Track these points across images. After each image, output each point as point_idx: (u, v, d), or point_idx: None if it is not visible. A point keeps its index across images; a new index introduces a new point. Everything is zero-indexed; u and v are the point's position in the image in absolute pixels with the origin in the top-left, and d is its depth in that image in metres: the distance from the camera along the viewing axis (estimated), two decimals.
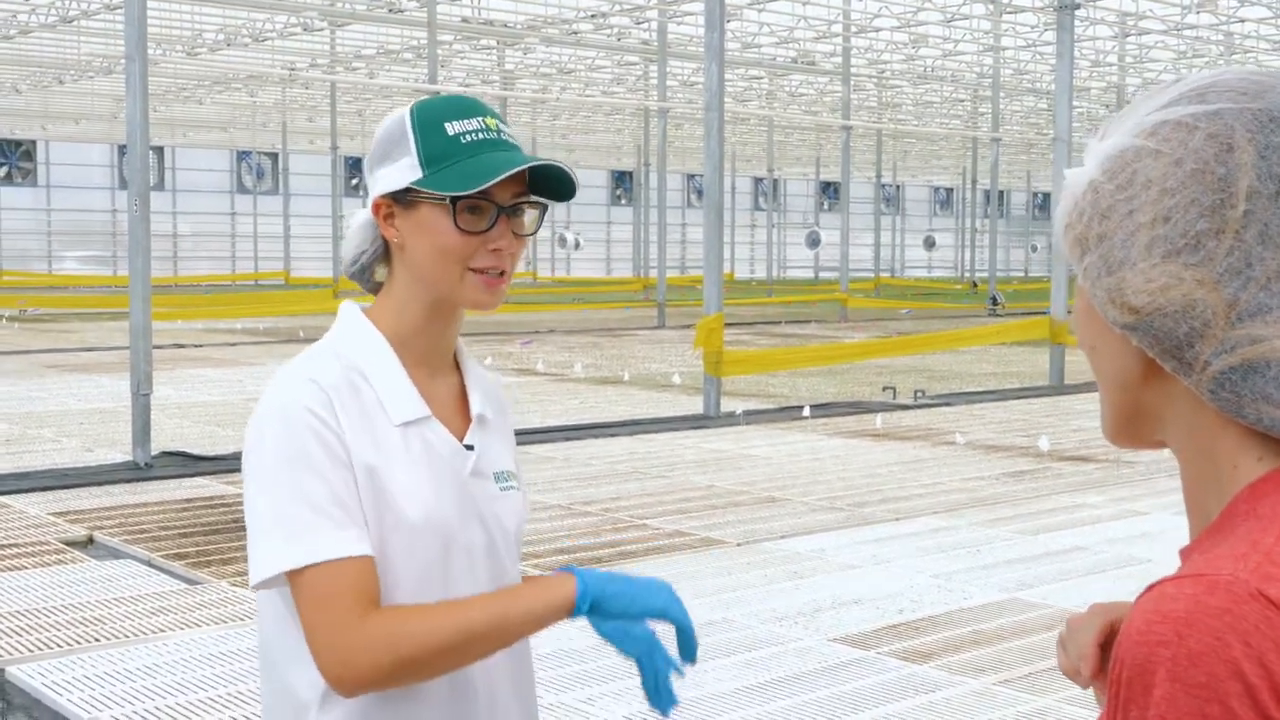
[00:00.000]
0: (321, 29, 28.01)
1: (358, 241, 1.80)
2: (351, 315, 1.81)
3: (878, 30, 28.50)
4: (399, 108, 1.80)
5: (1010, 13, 26.63)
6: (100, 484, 9.27)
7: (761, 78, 36.22)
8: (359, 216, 1.80)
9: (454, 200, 1.70)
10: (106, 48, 28.97)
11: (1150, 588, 0.91)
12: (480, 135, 1.73)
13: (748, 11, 26.85)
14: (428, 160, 1.71)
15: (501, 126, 1.76)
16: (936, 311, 33.97)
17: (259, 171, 50.01)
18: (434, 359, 1.82)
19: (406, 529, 1.70)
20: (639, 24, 27.84)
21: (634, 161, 47.12)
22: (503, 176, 1.69)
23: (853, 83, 33.06)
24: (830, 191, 59.53)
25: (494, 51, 31.51)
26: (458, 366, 1.88)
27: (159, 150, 47.61)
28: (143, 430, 9.87)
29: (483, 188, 1.69)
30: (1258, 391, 0.93)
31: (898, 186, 61.77)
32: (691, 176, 55.60)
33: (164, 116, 41.42)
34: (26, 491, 9.01)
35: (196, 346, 21.35)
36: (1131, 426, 1.03)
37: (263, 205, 49.55)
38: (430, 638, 1.61)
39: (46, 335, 23.99)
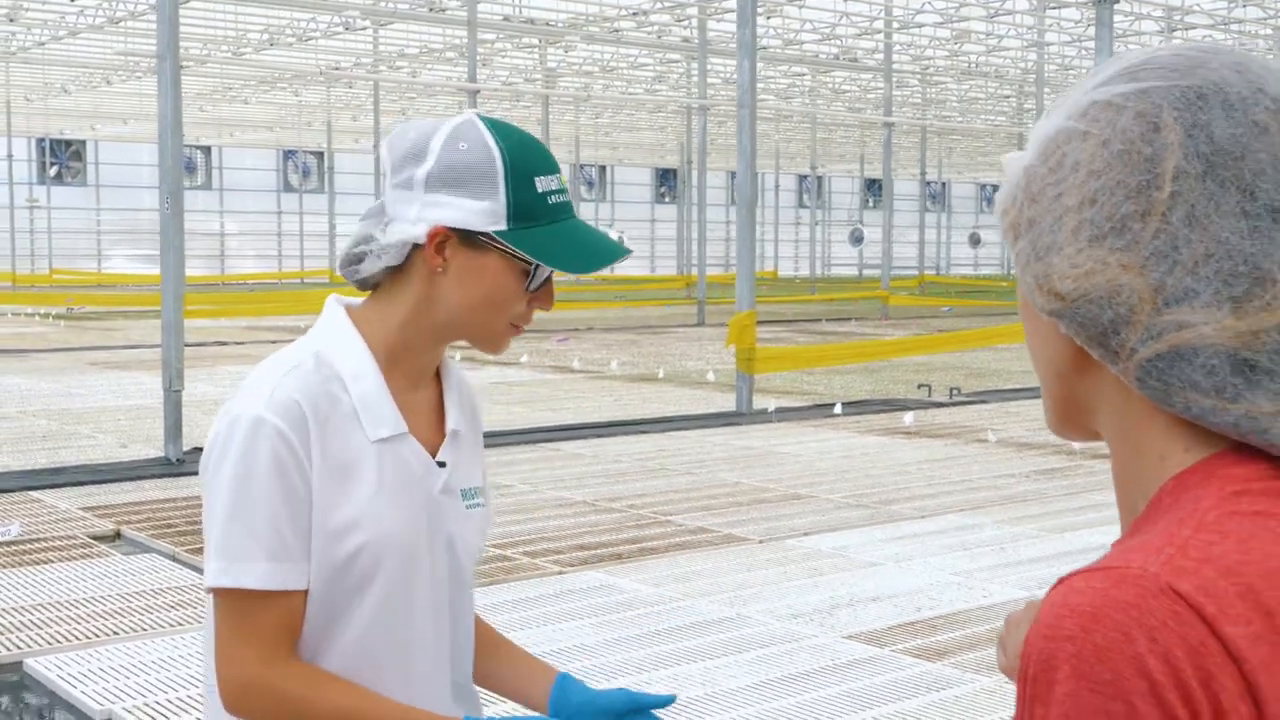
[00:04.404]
0: (364, 28, 28.17)
1: (383, 246, 1.70)
2: (337, 318, 1.76)
3: (920, 26, 28.35)
4: (462, 117, 1.71)
5: (1053, 7, 26.42)
6: (132, 479, 9.37)
7: (805, 74, 36.10)
8: (410, 232, 1.68)
9: (536, 266, 1.68)
10: (153, 48, 29.24)
11: (1060, 581, 0.88)
12: (560, 197, 1.70)
13: (789, 8, 26.78)
14: (516, 214, 1.66)
15: (566, 183, 1.76)
16: (979, 309, 33.75)
17: (305, 170, 50.38)
18: (418, 372, 1.79)
19: (368, 552, 1.69)
20: (679, 21, 27.82)
21: (678, 159, 47.10)
22: (608, 265, 1.71)
23: (896, 79, 32.89)
24: (875, 189, 59.30)
25: (536, 50, 31.58)
26: (437, 375, 1.84)
27: (206, 149, 48.07)
28: (175, 426, 9.96)
29: (589, 272, 1.69)
30: (1185, 379, 0.90)
31: (943, 184, 61.44)
32: (735, 174, 55.53)
33: (211, 116, 41.79)
34: (59, 487, 9.11)
35: (238, 344, 21.53)
36: (1069, 416, 1.00)
37: (308, 204, 49.92)
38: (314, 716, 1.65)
39: (92, 333, 24.27)
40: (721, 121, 38.60)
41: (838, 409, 13.38)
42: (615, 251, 1.72)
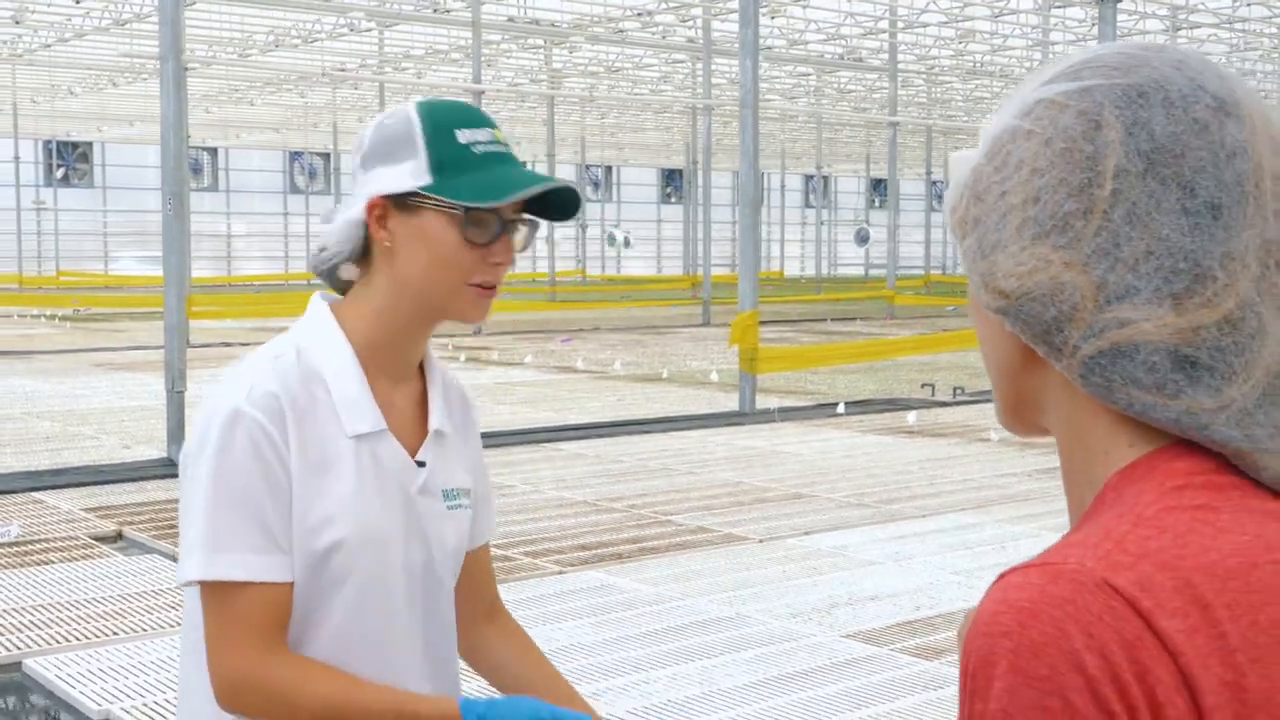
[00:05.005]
0: (370, 30, 28.21)
1: (337, 238, 1.74)
2: (320, 314, 1.77)
3: (925, 26, 28.34)
4: (396, 106, 1.76)
5: (1058, 7, 26.41)
6: (134, 480, 9.39)
7: (810, 74, 36.10)
8: (351, 212, 1.73)
9: (466, 211, 1.67)
10: (158, 49, 29.30)
11: (1000, 577, 0.88)
12: (491, 148, 1.70)
13: (794, 8, 26.77)
14: (438, 167, 1.68)
15: (507, 141, 1.75)
16: None
17: (310, 171, 50.46)
18: (400, 367, 1.78)
19: (345, 548, 1.69)
20: (684, 22, 27.83)
21: (684, 160, 47.13)
22: (529, 194, 1.67)
23: (901, 79, 32.89)
24: (880, 188, 59.28)
25: (541, 51, 31.60)
26: (422, 373, 1.84)
27: (212, 151, 48.13)
28: (178, 427, 9.98)
29: (506, 202, 1.67)
30: (1127, 376, 0.90)
31: (949, 183, 61.41)
32: None
33: (217, 118, 41.85)
34: (62, 488, 9.13)
35: (243, 345, 21.53)
36: (1019, 413, 1.01)
37: (315, 205, 49.96)
38: (311, 709, 1.65)
39: (97, 334, 24.31)
40: (727, 121, 38.61)
41: (841, 409, 13.38)
42: (534, 180, 1.68)
